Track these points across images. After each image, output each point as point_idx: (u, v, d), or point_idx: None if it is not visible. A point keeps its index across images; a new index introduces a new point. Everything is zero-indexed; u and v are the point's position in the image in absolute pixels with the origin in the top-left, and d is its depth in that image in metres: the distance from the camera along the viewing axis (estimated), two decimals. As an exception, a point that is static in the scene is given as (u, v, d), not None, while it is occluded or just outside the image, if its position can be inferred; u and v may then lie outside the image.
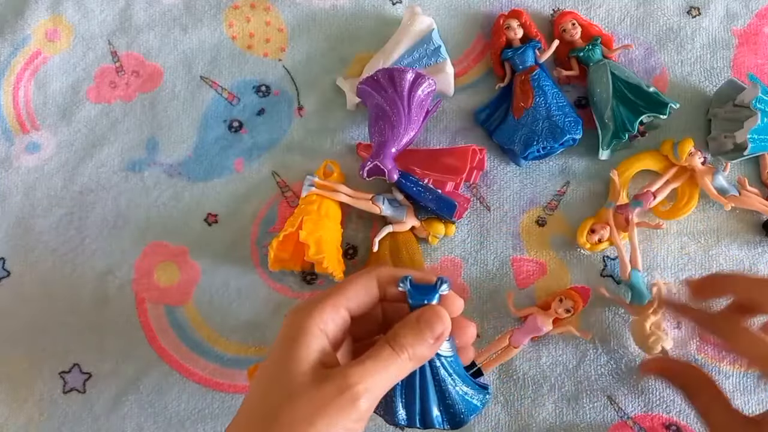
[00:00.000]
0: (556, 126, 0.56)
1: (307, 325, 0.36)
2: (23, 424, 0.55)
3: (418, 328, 0.36)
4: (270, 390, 0.36)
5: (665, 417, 0.54)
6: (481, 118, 0.60)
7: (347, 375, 0.34)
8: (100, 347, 0.57)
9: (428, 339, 0.36)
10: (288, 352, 0.36)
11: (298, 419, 0.33)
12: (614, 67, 0.58)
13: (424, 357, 0.36)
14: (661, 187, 0.57)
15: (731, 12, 0.62)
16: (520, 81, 0.58)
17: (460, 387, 0.38)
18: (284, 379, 0.35)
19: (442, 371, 0.38)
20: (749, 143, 0.54)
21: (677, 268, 0.57)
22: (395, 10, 0.63)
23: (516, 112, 0.58)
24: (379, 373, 0.35)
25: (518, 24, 0.60)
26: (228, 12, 0.64)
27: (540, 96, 0.57)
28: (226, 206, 0.59)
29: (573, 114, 0.57)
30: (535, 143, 0.56)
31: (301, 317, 0.36)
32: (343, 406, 0.34)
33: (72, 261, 0.58)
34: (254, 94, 0.62)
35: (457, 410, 0.38)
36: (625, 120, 0.56)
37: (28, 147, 0.61)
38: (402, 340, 0.36)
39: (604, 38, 0.60)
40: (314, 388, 0.34)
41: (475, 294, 0.57)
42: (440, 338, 0.36)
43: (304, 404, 0.34)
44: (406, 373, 0.36)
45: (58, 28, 0.63)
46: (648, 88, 0.57)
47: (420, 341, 0.36)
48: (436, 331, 0.36)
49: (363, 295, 0.38)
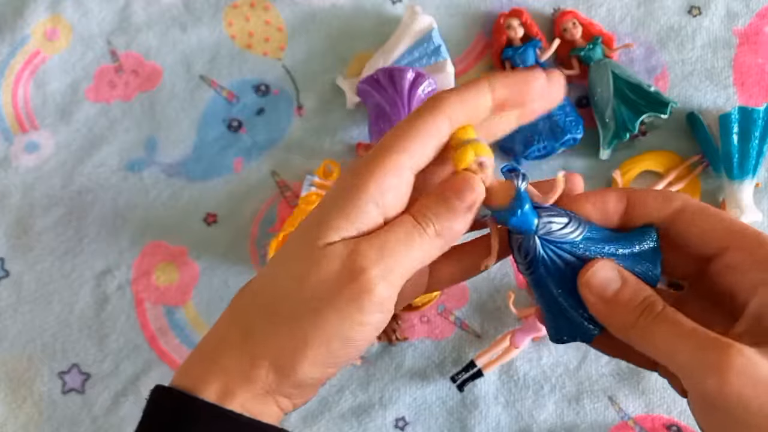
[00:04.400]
0: (556, 125, 0.56)
1: (358, 194, 0.28)
2: (23, 424, 0.55)
3: (443, 197, 0.29)
4: (285, 269, 0.30)
5: (666, 418, 0.54)
6: None
7: (359, 253, 0.27)
8: (99, 348, 0.57)
9: (457, 209, 0.29)
10: (314, 228, 0.29)
11: (301, 309, 0.28)
12: (615, 66, 0.58)
13: (455, 232, 0.30)
14: (663, 189, 0.57)
15: (732, 11, 0.62)
16: None
17: (616, 251, 0.31)
18: (302, 255, 0.29)
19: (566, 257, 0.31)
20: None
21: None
22: (395, 9, 0.63)
23: None
24: (400, 252, 0.28)
25: (519, 23, 0.59)
26: (227, 11, 0.64)
27: None
28: (226, 206, 0.59)
29: (574, 113, 0.57)
30: (536, 143, 0.56)
31: (356, 179, 0.29)
32: (354, 292, 0.27)
33: (71, 261, 0.58)
34: (253, 94, 0.62)
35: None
36: (626, 119, 0.56)
37: (27, 147, 0.61)
38: (426, 211, 0.29)
39: (604, 38, 0.59)
40: (322, 270, 0.28)
41: (475, 294, 0.57)
42: (471, 207, 0.29)
43: (306, 289, 0.28)
44: (433, 254, 0.30)
45: (57, 27, 0.63)
46: (649, 87, 0.56)
47: (447, 211, 0.29)
48: (466, 199, 0.29)
49: (431, 149, 0.30)
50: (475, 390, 0.55)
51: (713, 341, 0.27)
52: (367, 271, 0.27)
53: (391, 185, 0.29)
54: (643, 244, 0.31)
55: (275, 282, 0.30)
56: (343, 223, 0.28)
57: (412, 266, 0.29)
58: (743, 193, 0.55)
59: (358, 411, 0.55)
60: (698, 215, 0.31)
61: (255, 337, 0.29)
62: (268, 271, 0.31)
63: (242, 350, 0.30)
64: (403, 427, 0.55)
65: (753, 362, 0.26)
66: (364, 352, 0.56)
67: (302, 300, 0.28)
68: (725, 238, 0.30)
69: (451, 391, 0.55)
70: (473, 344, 0.56)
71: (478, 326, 0.57)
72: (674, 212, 0.31)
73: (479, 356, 0.54)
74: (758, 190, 0.57)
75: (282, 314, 0.29)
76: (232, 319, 0.31)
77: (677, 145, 0.58)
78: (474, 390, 0.55)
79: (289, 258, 0.30)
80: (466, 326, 0.57)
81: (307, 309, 0.28)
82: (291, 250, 0.31)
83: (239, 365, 0.29)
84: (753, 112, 0.55)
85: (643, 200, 0.32)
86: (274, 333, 0.29)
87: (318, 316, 0.28)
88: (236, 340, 0.30)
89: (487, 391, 0.55)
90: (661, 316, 0.29)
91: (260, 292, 0.31)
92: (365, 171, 0.29)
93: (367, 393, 0.56)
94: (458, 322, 0.57)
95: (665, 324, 0.29)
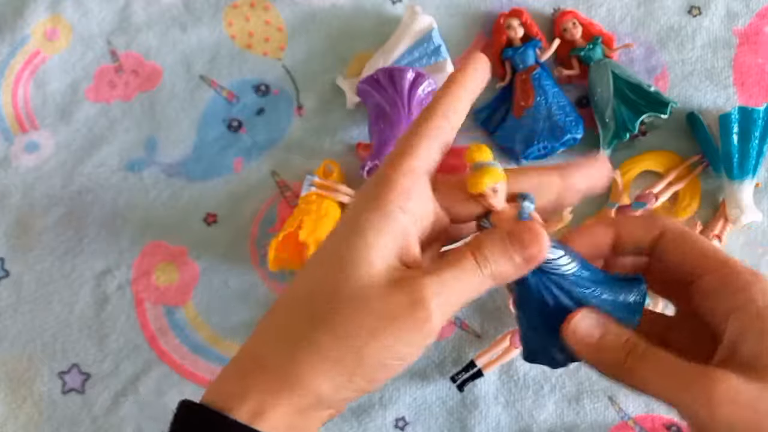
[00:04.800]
0: (556, 125, 0.56)
1: (389, 202, 0.29)
2: (23, 424, 0.55)
3: (505, 248, 0.30)
4: (324, 284, 0.30)
5: (666, 418, 0.54)
6: (482, 117, 0.60)
7: (423, 285, 0.29)
8: (99, 348, 0.57)
9: (516, 259, 0.30)
10: (359, 238, 0.29)
11: (356, 327, 0.28)
12: (615, 66, 0.58)
13: (505, 277, 0.31)
14: (663, 189, 0.57)
15: (732, 11, 0.62)
16: (520, 80, 0.58)
17: (601, 295, 0.32)
18: (347, 273, 0.29)
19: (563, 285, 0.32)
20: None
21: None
22: (395, 9, 0.63)
23: (516, 111, 0.58)
24: (456, 287, 0.30)
25: (519, 23, 0.60)
26: (227, 11, 0.64)
27: (541, 95, 0.57)
28: (226, 206, 0.59)
29: (574, 113, 0.57)
30: (536, 143, 0.56)
31: (376, 189, 0.30)
32: (415, 321, 0.29)
33: (71, 261, 0.58)
34: (253, 94, 0.62)
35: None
36: (626, 119, 0.56)
37: (27, 147, 0.61)
38: (486, 253, 0.30)
39: (604, 38, 0.59)
40: (384, 295, 0.29)
41: (476, 294, 0.57)
42: (531, 261, 0.30)
43: (368, 311, 0.29)
44: (482, 291, 0.31)
45: (57, 27, 0.63)
46: (649, 87, 0.56)
47: (506, 261, 0.30)
48: (529, 252, 0.30)
49: (436, 151, 0.32)
50: (475, 390, 0.55)
51: (697, 374, 0.29)
52: (428, 302, 0.29)
53: (408, 188, 0.30)
54: (629, 296, 0.32)
55: (327, 298, 0.30)
56: (382, 240, 0.29)
57: (464, 302, 0.30)
58: (743, 193, 0.55)
59: (358, 411, 0.55)
60: (677, 240, 0.32)
61: (302, 353, 0.29)
62: (308, 286, 0.31)
63: (284, 370, 0.29)
64: (403, 427, 0.55)
65: (735, 390, 0.28)
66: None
67: (359, 320, 0.29)
68: (700, 264, 0.32)
69: (451, 391, 0.55)
70: (473, 344, 0.56)
71: (478, 326, 0.57)
72: (655, 237, 0.33)
73: (479, 356, 0.54)
74: (758, 190, 0.57)
75: (337, 333, 0.29)
76: (276, 333, 0.31)
77: (677, 145, 0.58)
78: (474, 390, 0.55)
79: (335, 278, 0.30)
80: (466, 326, 0.57)
81: (364, 329, 0.29)
82: (332, 273, 0.30)
83: (278, 384, 0.29)
84: (753, 112, 0.55)
85: (629, 229, 0.33)
86: (328, 348, 0.29)
87: (375, 338, 0.29)
88: (278, 357, 0.30)
89: (487, 391, 0.55)
90: (643, 356, 0.30)
91: (305, 307, 0.30)
92: (381, 181, 0.30)
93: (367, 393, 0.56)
94: (458, 322, 0.57)
95: (649, 363, 0.30)
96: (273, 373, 0.29)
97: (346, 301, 0.29)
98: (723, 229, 0.56)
